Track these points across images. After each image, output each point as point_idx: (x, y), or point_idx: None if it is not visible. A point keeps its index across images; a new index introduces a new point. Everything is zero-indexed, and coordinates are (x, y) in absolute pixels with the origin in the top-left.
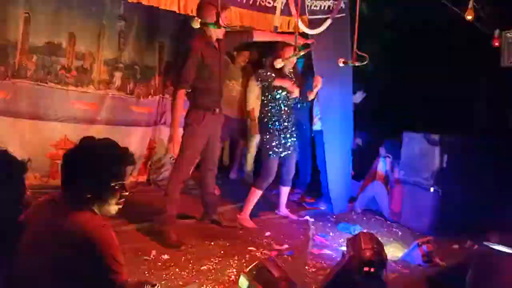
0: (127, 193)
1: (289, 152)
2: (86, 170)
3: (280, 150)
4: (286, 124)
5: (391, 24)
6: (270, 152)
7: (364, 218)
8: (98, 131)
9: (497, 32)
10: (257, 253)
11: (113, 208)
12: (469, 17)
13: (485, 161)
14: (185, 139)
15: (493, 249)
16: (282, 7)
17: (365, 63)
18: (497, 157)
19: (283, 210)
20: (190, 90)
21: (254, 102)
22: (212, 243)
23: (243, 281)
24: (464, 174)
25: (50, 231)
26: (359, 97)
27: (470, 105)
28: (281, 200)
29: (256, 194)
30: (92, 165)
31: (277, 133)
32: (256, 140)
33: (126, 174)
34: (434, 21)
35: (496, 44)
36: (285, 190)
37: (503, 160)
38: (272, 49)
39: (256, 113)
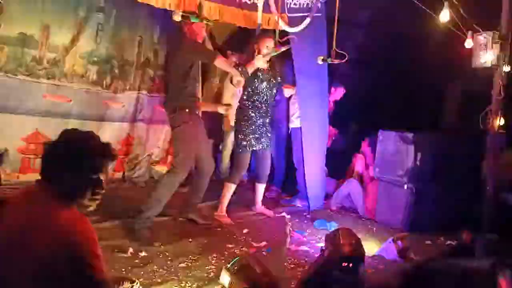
0: (103, 189)
1: (264, 148)
2: (69, 164)
3: (254, 144)
4: (262, 120)
5: (366, 25)
6: (243, 146)
7: (340, 215)
8: (71, 125)
9: (470, 34)
10: (235, 250)
11: (90, 202)
12: (443, 20)
13: (458, 159)
14: (178, 142)
15: None
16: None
17: (344, 60)
18: (470, 155)
19: (259, 207)
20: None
21: (229, 99)
22: (190, 240)
23: (225, 276)
24: (437, 172)
25: (26, 226)
26: (338, 93)
27: (444, 105)
28: (257, 196)
29: (229, 189)
30: (75, 158)
31: (252, 128)
32: (231, 137)
33: (107, 169)
34: (409, 23)
35: (469, 45)
36: (260, 187)
37: (476, 158)
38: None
39: (232, 110)
